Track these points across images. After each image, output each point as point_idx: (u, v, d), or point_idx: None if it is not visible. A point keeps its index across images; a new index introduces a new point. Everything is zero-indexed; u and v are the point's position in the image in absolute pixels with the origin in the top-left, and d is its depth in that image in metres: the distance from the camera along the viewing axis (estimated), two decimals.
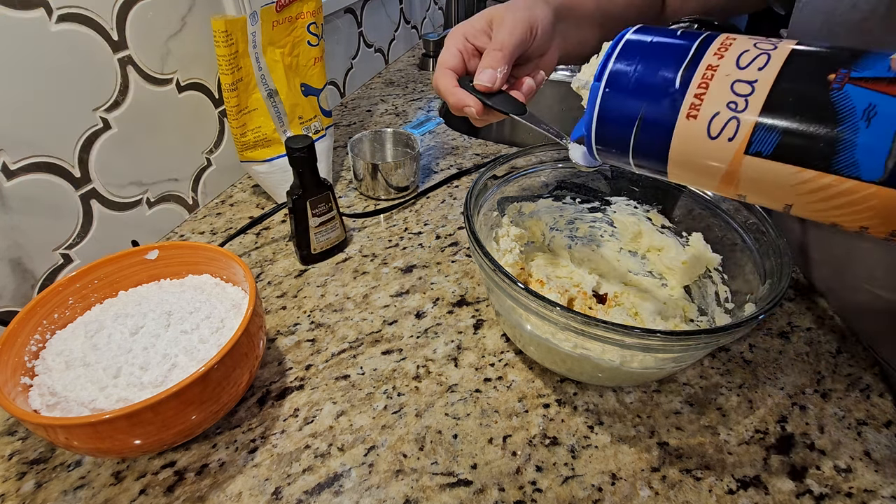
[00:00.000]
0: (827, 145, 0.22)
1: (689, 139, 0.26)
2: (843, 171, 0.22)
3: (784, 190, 0.24)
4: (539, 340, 0.40)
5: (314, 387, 0.44)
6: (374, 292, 0.53)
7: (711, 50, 0.26)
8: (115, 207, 0.53)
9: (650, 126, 0.27)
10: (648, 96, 0.27)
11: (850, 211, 0.23)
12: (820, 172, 0.23)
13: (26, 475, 0.37)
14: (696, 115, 0.26)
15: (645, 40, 0.29)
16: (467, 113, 0.42)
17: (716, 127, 0.25)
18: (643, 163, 0.30)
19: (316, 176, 0.52)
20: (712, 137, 0.25)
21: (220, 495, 0.36)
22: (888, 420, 0.42)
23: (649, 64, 0.27)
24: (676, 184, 0.49)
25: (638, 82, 0.28)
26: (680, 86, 0.26)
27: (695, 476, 0.38)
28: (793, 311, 0.51)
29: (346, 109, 0.92)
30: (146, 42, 0.52)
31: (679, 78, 0.26)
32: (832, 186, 0.23)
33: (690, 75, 0.26)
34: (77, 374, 0.36)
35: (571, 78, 0.42)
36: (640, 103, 0.28)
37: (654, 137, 0.28)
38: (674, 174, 0.29)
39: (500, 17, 0.42)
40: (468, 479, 0.37)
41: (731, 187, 0.27)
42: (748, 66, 0.25)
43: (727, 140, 0.25)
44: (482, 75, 0.41)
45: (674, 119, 0.26)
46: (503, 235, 0.50)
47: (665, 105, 0.27)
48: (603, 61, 0.29)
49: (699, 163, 0.27)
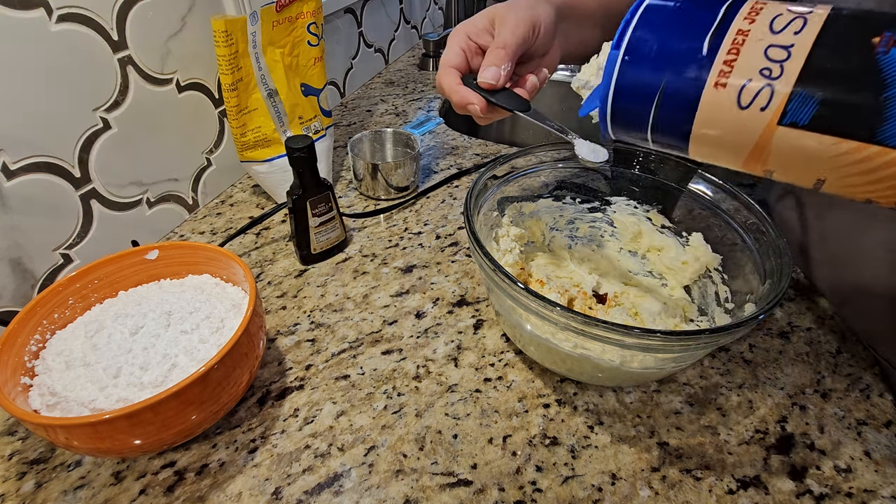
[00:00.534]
0: (872, 113, 0.21)
1: (717, 110, 0.24)
2: (887, 141, 0.21)
3: (819, 163, 0.23)
4: (539, 340, 0.40)
5: (314, 387, 0.44)
6: (374, 292, 0.53)
7: (742, 14, 0.24)
8: (115, 207, 0.53)
9: (673, 97, 0.26)
10: (672, 65, 0.25)
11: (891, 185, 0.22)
12: (862, 143, 0.21)
13: (26, 475, 0.37)
14: (725, 83, 0.24)
15: (668, 4, 0.26)
16: (471, 111, 0.42)
17: (747, 96, 0.23)
18: (663, 138, 0.28)
19: (316, 176, 0.52)
20: (743, 107, 0.24)
21: (220, 495, 0.36)
22: (888, 420, 0.42)
23: (673, 30, 0.25)
24: (676, 184, 0.49)
25: (661, 50, 0.26)
26: (708, 53, 0.24)
27: (695, 476, 0.38)
28: (793, 311, 0.51)
29: (346, 109, 0.92)
30: (146, 42, 0.52)
31: (707, 44, 0.24)
32: (874, 159, 0.21)
33: (719, 41, 0.24)
34: (77, 374, 0.36)
35: (572, 78, 0.42)
36: (662, 73, 0.26)
37: (677, 110, 0.26)
38: (696, 151, 0.27)
39: (503, 15, 0.42)
40: (468, 479, 0.37)
41: (759, 163, 0.25)
42: (783, 30, 0.23)
43: (759, 110, 0.23)
44: (486, 72, 0.41)
45: (700, 89, 0.24)
46: (503, 235, 0.50)
47: (691, 74, 0.25)
48: (622, 28, 0.27)
49: (726, 137, 0.25)
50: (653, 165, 0.50)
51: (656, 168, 0.50)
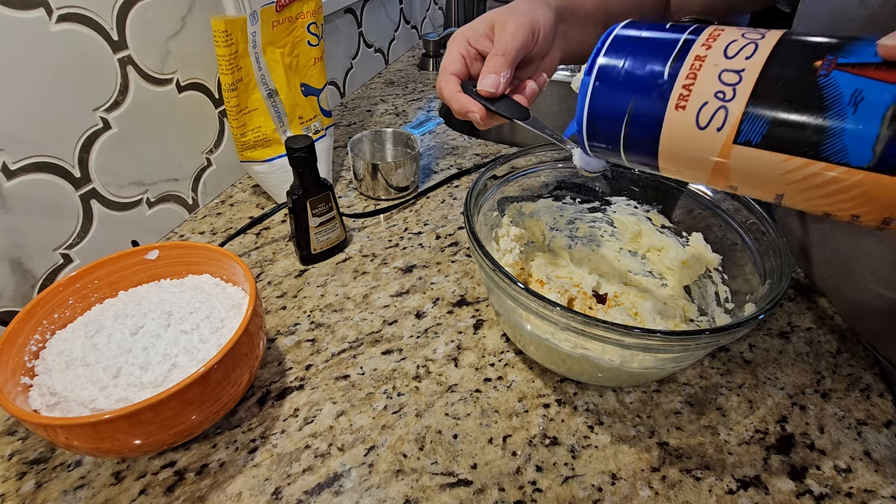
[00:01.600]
0: (815, 132, 0.22)
1: (679, 131, 0.26)
2: (831, 157, 0.22)
3: (774, 179, 0.24)
4: (539, 340, 0.40)
5: (314, 387, 0.44)
6: (374, 292, 0.53)
7: (699, 41, 0.26)
8: (115, 207, 0.53)
9: (640, 119, 0.27)
10: (637, 89, 0.27)
11: (841, 199, 0.23)
12: (808, 160, 0.23)
13: (26, 475, 0.37)
14: (684, 105, 0.26)
15: (634, 34, 0.29)
16: (471, 118, 0.42)
17: (704, 117, 0.25)
18: (635, 157, 0.30)
19: (316, 176, 0.52)
20: (701, 128, 0.25)
21: (220, 495, 0.36)
22: (888, 420, 0.42)
23: (638, 57, 0.27)
24: (676, 184, 0.49)
25: (627, 76, 0.28)
26: (668, 77, 0.26)
27: (695, 476, 0.38)
28: (793, 311, 0.51)
29: (346, 109, 0.92)
30: (146, 42, 0.52)
31: (667, 70, 0.26)
32: (821, 174, 0.23)
33: (678, 67, 0.26)
34: (77, 374, 0.36)
35: (571, 78, 0.42)
36: (629, 97, 0.28)
37: (644, 130, 0.28)
38: (665, 168, 0.29)
39: (503, 21, 0.42)
40: (468, 479, 0.37)
41: (722, 179, 0.27)
42: (736, 55, 0.24)
43: (716, 130, 0.25)
44: (485, 81, 0.41)
45: (662, 111, 0.26)
46: (503, 235, 0.50)
47: (654, 97, 0.27)
48: (592, 56, 0.29)
49: (689, 155, 0.27)
50: None
51: None
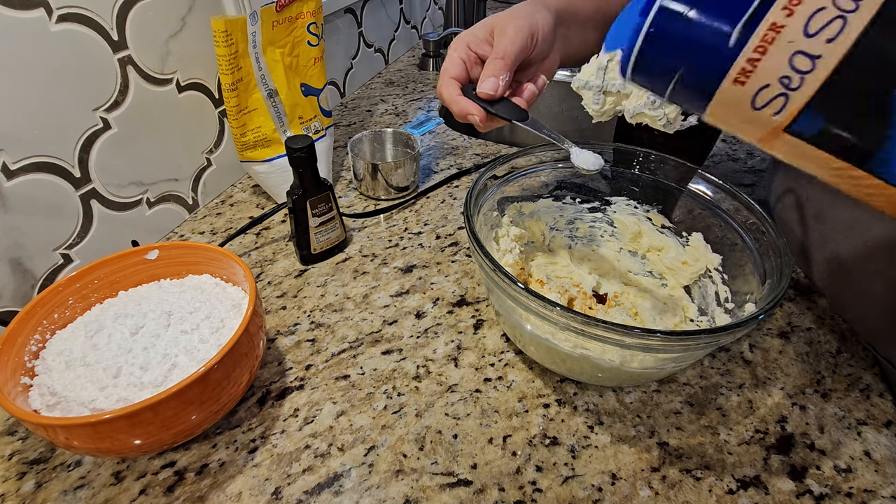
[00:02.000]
0: (871, 143, 0.21)
1: (731, 102, 0.24)
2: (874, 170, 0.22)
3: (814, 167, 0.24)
4: (539, 340, 0.40)
5: (314, 387, 0.44)
6: (374, 292, 0.53)
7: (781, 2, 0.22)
8: (115, 207, 0.53)
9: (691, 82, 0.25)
10: (695, 51, 0.24)
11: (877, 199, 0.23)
12: (853, 166, 0.22)
13: (26, 475, 0.37)
14: (744, 81, 0.23)
15: None
16: (471, 121, 0.43)
17: (762, 99, 0.23)
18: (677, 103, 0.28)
19: (316, 176, 0.52)
20: (755, 108, 0.23)
21: (220, 495, 0.36)
22: (888, 420, 0.42)
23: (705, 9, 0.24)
24: (676, 184, 0.49)
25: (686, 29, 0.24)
26: (735, 45, 0.23)
27: (695, 476, 0.38)
28: (793, 311, 0.51)
29: (346, 109, 0.92)
30: (146, 42, 0.52)
31: (735, 36, 0.23)
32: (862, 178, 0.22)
33: (749, 34, 0.23)
34: (77, 374, 0.36)
35: (571, 78, 0.43)
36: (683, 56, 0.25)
37: (693, 94, 0.25)
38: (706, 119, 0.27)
39: (502, 25, 0.43)
40: (468, 479, 0.37)
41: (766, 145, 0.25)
42: (817, 33, 0.21)
43: (771, 114, 0.23)
44: (485, 84, 0.42)
45: (718, 82, 0.24)
46: (503, 235, 0.50)
47: (713, 65, 0.24)
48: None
49: (733, 121, 0.25)
50: (653, 165, 0.50)
51: (656, 168, 0.50)
